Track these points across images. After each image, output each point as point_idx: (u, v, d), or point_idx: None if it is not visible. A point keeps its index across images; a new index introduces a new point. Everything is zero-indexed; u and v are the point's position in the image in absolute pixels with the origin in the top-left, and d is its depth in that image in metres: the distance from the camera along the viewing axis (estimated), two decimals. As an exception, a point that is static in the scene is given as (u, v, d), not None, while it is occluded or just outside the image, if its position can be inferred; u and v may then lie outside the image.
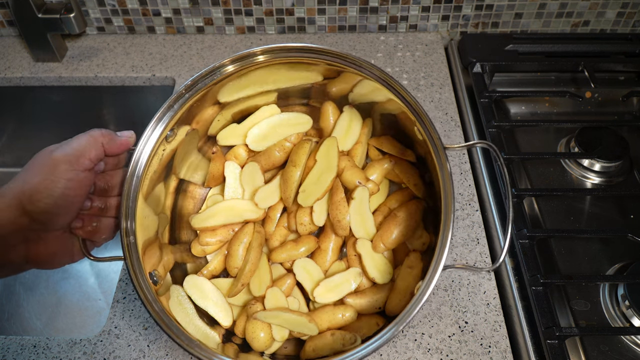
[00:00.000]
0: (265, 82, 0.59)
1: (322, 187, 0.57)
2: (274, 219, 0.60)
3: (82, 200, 0.47)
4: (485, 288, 0.62)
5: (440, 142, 0.51)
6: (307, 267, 0.58)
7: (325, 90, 0.61)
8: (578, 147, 0.74)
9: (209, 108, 0.58)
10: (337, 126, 0.62)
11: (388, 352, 0.57)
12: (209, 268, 0.59)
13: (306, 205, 0.58)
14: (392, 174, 0.61)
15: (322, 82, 0.60)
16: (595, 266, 0.65)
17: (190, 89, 0.54)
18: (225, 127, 0.62)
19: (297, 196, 0.58)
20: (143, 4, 0.90)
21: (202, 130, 0.60)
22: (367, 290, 0.58)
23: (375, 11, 0.91)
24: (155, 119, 0.52)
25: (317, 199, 0.57)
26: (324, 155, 0.58)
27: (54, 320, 0.79)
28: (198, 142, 0.61)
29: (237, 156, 0.63)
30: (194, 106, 0.56)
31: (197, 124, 0.58)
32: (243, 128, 0.62)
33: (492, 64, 0.84)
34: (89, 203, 0.48)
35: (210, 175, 0.62)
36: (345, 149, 0.62)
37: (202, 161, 0.63)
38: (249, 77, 0.57)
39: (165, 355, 0.57)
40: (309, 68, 0.57)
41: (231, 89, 0.57)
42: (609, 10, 0.91)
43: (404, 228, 0.57)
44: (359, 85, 0.58)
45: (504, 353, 0.57)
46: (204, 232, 0.59)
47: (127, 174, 0.50)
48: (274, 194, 0.60)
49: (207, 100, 0.57)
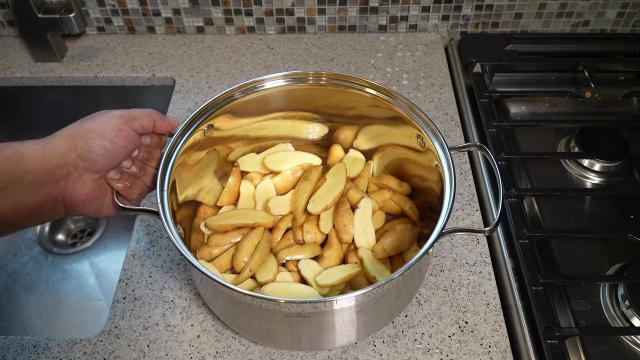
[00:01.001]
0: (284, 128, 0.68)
1: (330, 197, 0.62)
2: (282, 229, 0.63)
3: (126, 154, 0.52)
4: (485, 288, 0.62)
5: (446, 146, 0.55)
6: (311, 265, 0.59)
7: (333, 137, 0.69)
8: (578, 147, 0.74)
9: (235, 138, 0.65)
10: (343, 161, 0.68)
11: (388, 352, 0.57)
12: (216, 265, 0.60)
13: (315, 212, 0.61)
14: (390, 203, 0.64)
15: (329, 127, 0.68)
16: (595, 266, 0.65)
17: (242, 91, 0.60)
18: (244, 154, 0.68)
19: (306, 206, 0.61)
20: (143, 4, 0.90)
21: (223, 154, 0.65)
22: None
23: (375, 11, 0.91)
24: (199, 110, 0.58)
25: (326, 207, 0.61)
26: (334, 174, 0.64)
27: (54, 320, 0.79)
28: (216, 165, 0.65)
29: (252, 179, 0.67)
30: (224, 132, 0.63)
31: (220, 147, 0.64)
32: (260, 158, 0.68)
33: (492, 64, 0.84)
34: (129, 163, 0.53)
35: (226, 189, 0.65)
36: (349, 176, 0.67)
37: (215, 184, 0.66)
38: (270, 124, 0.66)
39: (165, 356, 0.57)
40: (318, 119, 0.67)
41: (258, 127, 0.66)
42: (609, 10, 0.91)
43: (402, 238, 0.59)
44: (362, 132, 0.66)
45: (504, 353, 0.57)
46: (215, 234, 0.61)
47: (166, 150, 0.55)
48: (286, 204, 0.64)
49: (238, 131, 0.65)
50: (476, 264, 0.64)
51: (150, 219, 0.70)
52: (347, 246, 0.61)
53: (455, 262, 0.65)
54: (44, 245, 0.88)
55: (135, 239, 0.68)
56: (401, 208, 0.64)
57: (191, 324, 0.60)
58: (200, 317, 0.60)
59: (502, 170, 0.70)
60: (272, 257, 0.59)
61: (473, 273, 0.64)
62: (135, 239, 0.68)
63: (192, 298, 0.62)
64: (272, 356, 0.57)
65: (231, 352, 0.58)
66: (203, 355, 0.57)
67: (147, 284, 0.63)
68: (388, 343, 0.58)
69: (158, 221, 0.69)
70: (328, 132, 0.69)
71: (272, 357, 0.57)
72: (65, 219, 0.91)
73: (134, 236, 0.68)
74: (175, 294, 0.62)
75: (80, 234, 0.91)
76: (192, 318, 0.60)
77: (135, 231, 0.68)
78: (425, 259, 0.50)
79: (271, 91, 0.62)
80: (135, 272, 0.64)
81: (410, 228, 0.60)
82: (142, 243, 0.67)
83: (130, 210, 0.53)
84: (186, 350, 0.58)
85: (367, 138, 0.67)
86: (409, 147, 0.62)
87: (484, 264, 0.64)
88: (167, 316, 0.60)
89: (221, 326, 0.60)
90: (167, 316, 0.60)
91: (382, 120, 0.63)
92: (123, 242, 0.88)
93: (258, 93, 0.62)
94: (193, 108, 0.82)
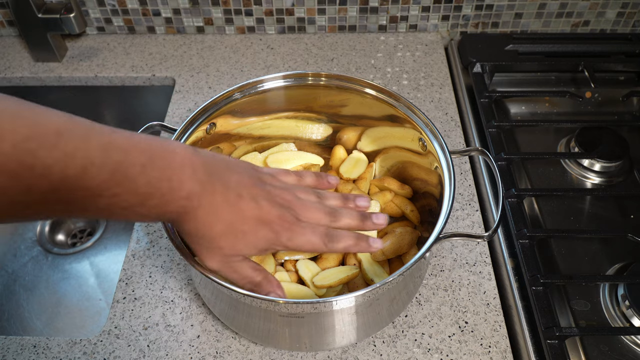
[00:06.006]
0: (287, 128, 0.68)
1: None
2: None
3: None
4: (485, 288, 0.62)
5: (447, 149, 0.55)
6: (309, 266, 0.59)
7: (336, 138, 0.69)
8: (578, 147, 0.74)
9: (238, 137, 0.65)
10: (345, 162, 0.68)
11: (388, 352, 0.57)
12: None
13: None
14: (391, 205, 0.64)
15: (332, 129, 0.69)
16: (595, 266, 0.65)
17: (242, 92, 0.60)
18: (246, 153, 0.68)
19: None
20: (143, 4, 0.90)
21: (226, 152, 0.65)
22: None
23: (375, 11, 0.91)
24: (201, 109, 0.58)
25: None
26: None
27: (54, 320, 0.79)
28: None
29: None
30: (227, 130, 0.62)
31: (223, 145, 0.64)
32: (263, 157, 0.68)
33: (492, 64, 0.84)
34: None
35: None
36: (351, 177, 0.67)
37: None
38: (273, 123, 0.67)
39: (165, 356, 0.57)
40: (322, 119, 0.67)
41: (261, 126, 0.66)
42: (609, 10, 0.91)
43: (401, 241, 0.59)
44: (366, 133, 0.67)
45: (504, 353, 0.57)
46: None
47: None
48: None
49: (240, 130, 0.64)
50: (476, 264, 0.64)
51: (150, 219, 0.69)
52: None
53: (455, 262, 0.65)
54: (44, 245, 0.88)
55: (135, 239, 0.68)
56: (402, 211, 0.64)
57: (191, 324, 0.60)
58: (200, 317, 0.60)
59: (502, 170, 0.70)
60: (270, 256, 0.59)
61: (473, 273, 0.64)
62: (135, 239, 0.68)
63: (192, 298, 0.62)
64: (272, 356, 0.57)
65: (231, 352, 0.58)
66: (203, 355, 0.57)
67: (147, 284, 0.63)
68: (388, 343, 0.58)
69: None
70: (331, 133, 0.69)
71: (272, 357, 0.57)
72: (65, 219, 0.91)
73: (134, 236, 0.68)
74: (175, 294, 0.62)
75: (80, 234, 0.91)
76: (192, 318, 0.60)
77: (135, 231, 0.68)
78: (423, 261, 0.50)
79: (271, 91, 0.62)
80: (135, 272, 0.64)
81: (411, 231, 0.60)
82: (142, 243, 0.67)
83: None
84: (186, 350, 0.58)
85: (370, 140, 0.67)
86: (411, 150, 0.62)
87: (484, 264, 0.64)
88: (167, 316, 0.60)
89: (221, 326, 0.60)
90: (167, 316, 0.60)
91: (384, 122, 0.63)
92: (123, 242, 0.88)
93: (258, 93, 0.62)
94: (193, 108, 0.82)
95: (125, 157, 0.36)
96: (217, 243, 0.42)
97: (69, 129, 0.34)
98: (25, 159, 0.31)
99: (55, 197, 0.33)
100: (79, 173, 0.33)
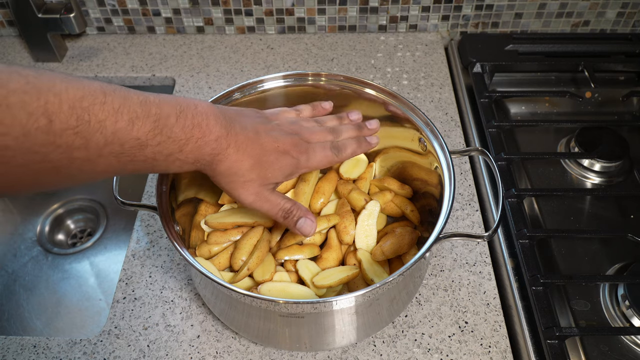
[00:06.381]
0: None
1: (331, 186, 0.63)
2: (281, 229, 0.63)
3: None
4: (485, 288, 0.62)
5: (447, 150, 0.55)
6: (309, 266, 0.59)
7: None
8: (578, 147, 0.74)
9: None
10: (345, 162, 0.67)
11: (388, 352, 0.57)
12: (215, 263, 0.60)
13: (316, 201, 0.62)
14: (391, 205, 0.64)
15: None
16: (595, 266, 0.65)
17: (242, 91, 0.61)
18: None
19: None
20: (143, 4, 0.90)
21: None
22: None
23: (375, 11, 0.91)
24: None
25: (325, 202, 0.62)
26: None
27: (54, 320, 0.79)
28: None
29: None
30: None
31: None
32: None
33: (492, 64, 0.84)
34: None
35: None
36: (351, 177, 0.67)
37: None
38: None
39: (165, 356, 0.57)
40: None
41: None
42: (609, 10, 0.91)
43: (401, 241, 0.59)
44: None
45: (504, 353, 0.57)
46: (214, 232, 0.61)
47: None
48: None
49: None
50: (476, 264, 0.64)
51: (150, 219, 0.70)
52: (346, 248, 0.61)
53: (455, 262, 0.65)
54: (44, 245, 0.88)
55: (135, 239, 0.68)
56: (402, 211, 0.64)
57: (191, 324, 0.60)
58: (200, 317, 0.60)
59: (502, 170, 0.70)
60: (270, 256, 0.59)
61: (473, 273, 0.64)
62: (135, 239, 0.68)
63: (192, 298, 0.62)
64: (272, 356, 0.57)
65: (231, 352, 0.58)
66: (203, 355, 0.57)
67: (147, 284, 0.63)
68: (388, 343, 0.58)
69: (158, 221, 0.69)
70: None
71: (272, 357, 0.57)
72: (65, 219, 0.91)
73: (134, 236, 0.68)
74: (175, 294, 0.62)
75: (80, 234, 0.91)
76: (192, 318, 0.60)
77: (135, 231, 0.68)
78: (423, 261, 0.50)
79: (271, 91, 0.62)
80: (135, 272, 0.64)
81: (410, 231, 0.60)
82: (142, 243, 0.67)
83: (130, 205, 0.53)
84: (186, 350, 0.58)
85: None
86: (411, 150, 0.62)
87: (484, 264, 0.64)
88: (167, 316, 0.60)
89: (221, 326, 0.60)
90: (167, 316, 0.60)
91: (384, 122, 0.63)
92: (123, 242, 0.88)
93: (258, 93, 0.62)
94: (193, 108, 0.82)
95: (161, 110, 0.41)
96: (249, 176, 0.47)
97: (111, 89, 0.38)
98: (83, 116, 0.36)
99: (108, 150, 0.38)
100: (127, 125, 0.38)
